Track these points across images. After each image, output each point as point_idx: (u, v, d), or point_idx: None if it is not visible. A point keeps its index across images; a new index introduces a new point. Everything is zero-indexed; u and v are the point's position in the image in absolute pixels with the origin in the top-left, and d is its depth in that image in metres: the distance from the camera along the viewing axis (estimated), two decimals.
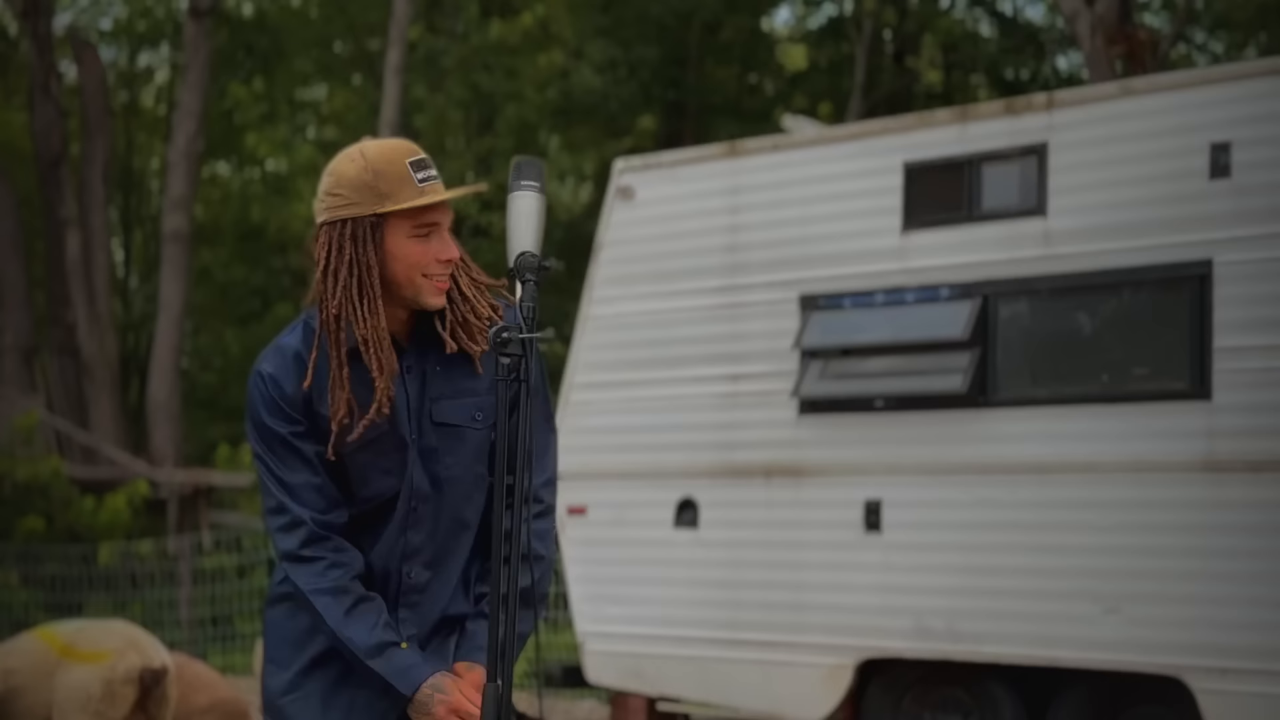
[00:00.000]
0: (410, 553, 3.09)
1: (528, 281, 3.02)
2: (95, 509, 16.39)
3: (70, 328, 19.71)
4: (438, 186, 3.02)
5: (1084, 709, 7.16)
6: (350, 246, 2.98)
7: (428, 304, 3.03)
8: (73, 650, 6.15)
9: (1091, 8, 12.46)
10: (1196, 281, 6.78)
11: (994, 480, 7.28)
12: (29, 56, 20.28)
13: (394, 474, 3.06)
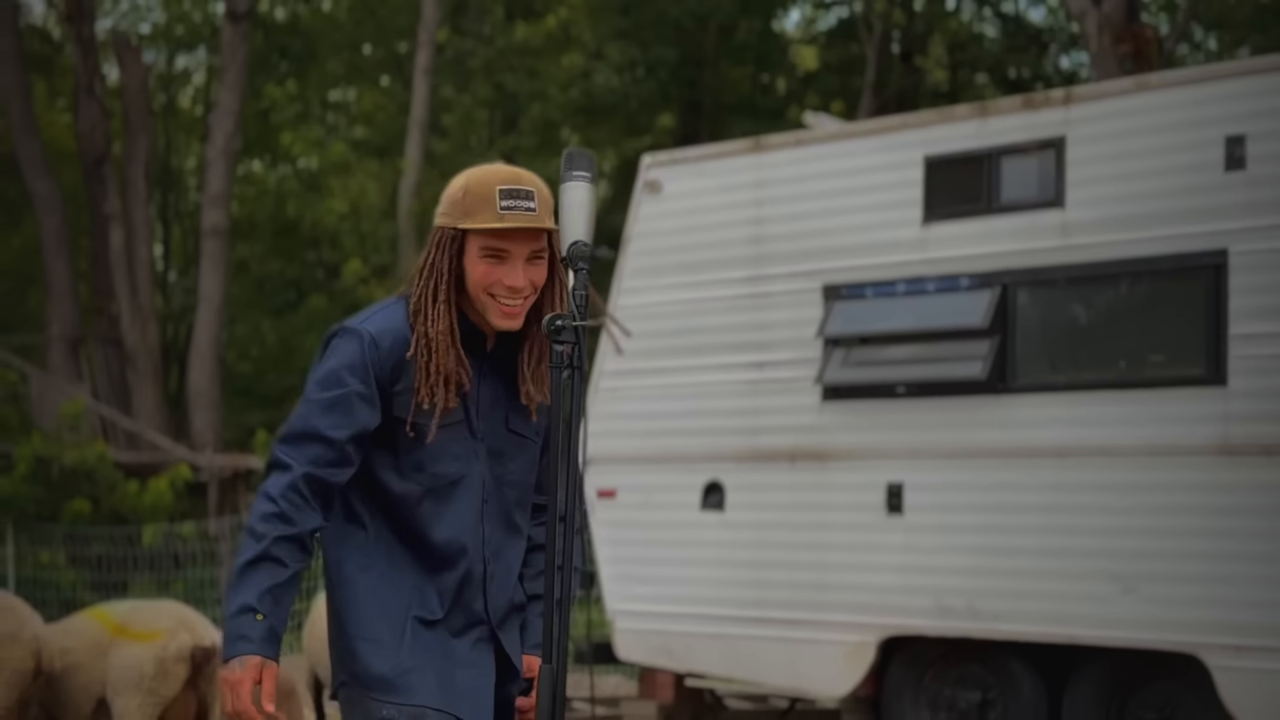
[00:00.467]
0: (488, 542, 3.11)
1: (580, 270, 2.98)
2: (139, 492, 16.34)
3: (114, 319, 19.68)
4: (518, 217, 3.00)
5: (1101, 685, 7.06)
6: (435, 252, 3.05)
7: (495, 324, 3.05)
8: (126, 630, 6.09)
9: (1099, 7, 12.32)
10: (1212, 271, 6.68)
11: (1013, 464, 7.18)
12: (73, 60, 20.21)
13: (463, 459, 3.06)
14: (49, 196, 19.44)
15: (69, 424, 16.83)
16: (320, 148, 20.36)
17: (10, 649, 5.56)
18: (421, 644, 3.05)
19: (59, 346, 19.38)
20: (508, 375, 3.11)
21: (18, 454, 16.19)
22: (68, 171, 22.69)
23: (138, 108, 19.95)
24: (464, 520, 3.07)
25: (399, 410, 3.03)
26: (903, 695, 7.65)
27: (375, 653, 3.04)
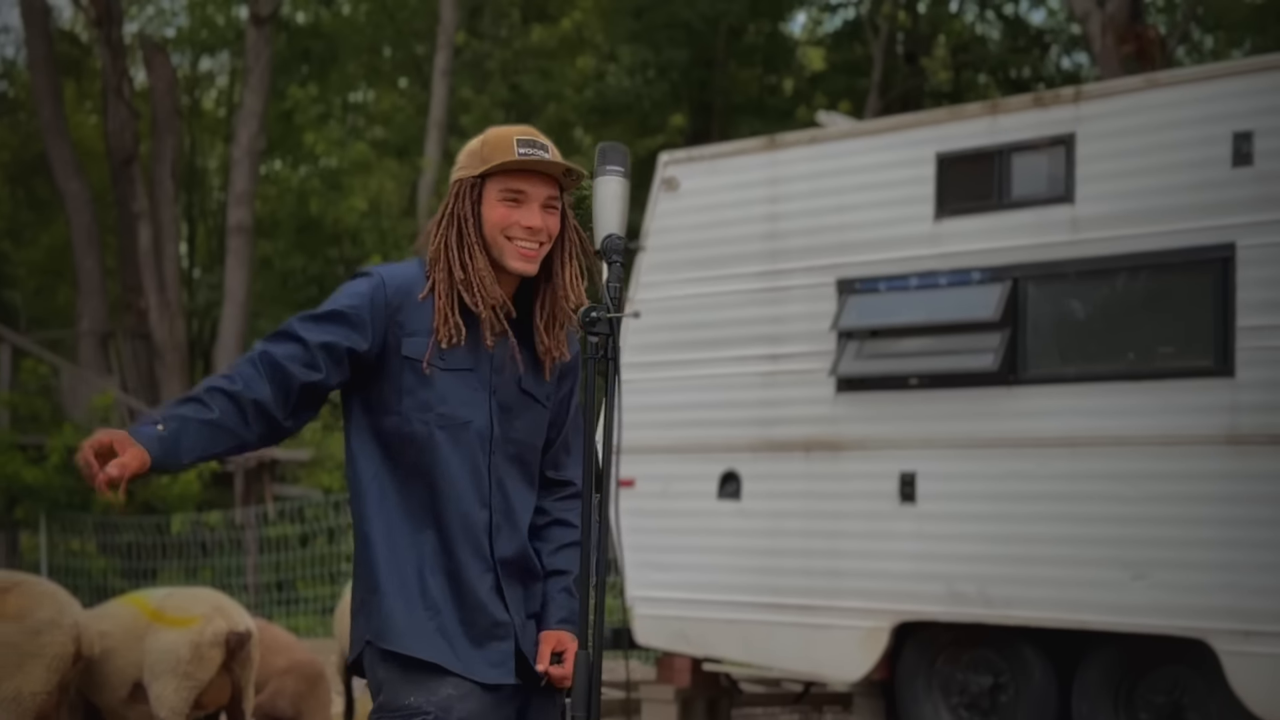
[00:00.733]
0: (494, 490, 3.08)
1: (614, 262, 2.99)
2: (168, 482, 16.33)
3: (142, 314, 19.65)
4: (535, 160, 3.04)
5: (1111, 669, 7.03)
6: (454, 203, 3.07)
7: (510, 266, 3.05)
8: (162, 615, 6.07)
9: (1102, 8, 12.26)
10: (1220, 264, 6.64)
11: (1024, 454, 7.14)
12: (102, 63, 20.20)
13: (468, 405, 3.05)
14: (79, 196, 19.43)
15: (99, 416, 16.83)
16: (341, 147, 20.31)
17: (51, 634, 5.53)
18: (432, 596, 3.02)
19: (89, 341, 19.38)
20: (521, 335, 3.10)
21: (50, 445, 16.19)
22: (95, 171, 22.69)
23: (165, 109, 19.93)
24: (473, 463, 3.05)
25: (410, 350, 3.02)
26: (916, 679, 7.62)
27: (390, 606, 3.03)
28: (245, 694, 6.04)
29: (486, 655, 3.01)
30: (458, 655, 3.00)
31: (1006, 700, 7.40)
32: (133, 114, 19.64)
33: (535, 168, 3.03)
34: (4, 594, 5.63)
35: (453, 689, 2.97)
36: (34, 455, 16.49)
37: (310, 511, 16.12)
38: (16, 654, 5.44)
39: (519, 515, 3.11)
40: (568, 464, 3.22)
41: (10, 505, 16.32)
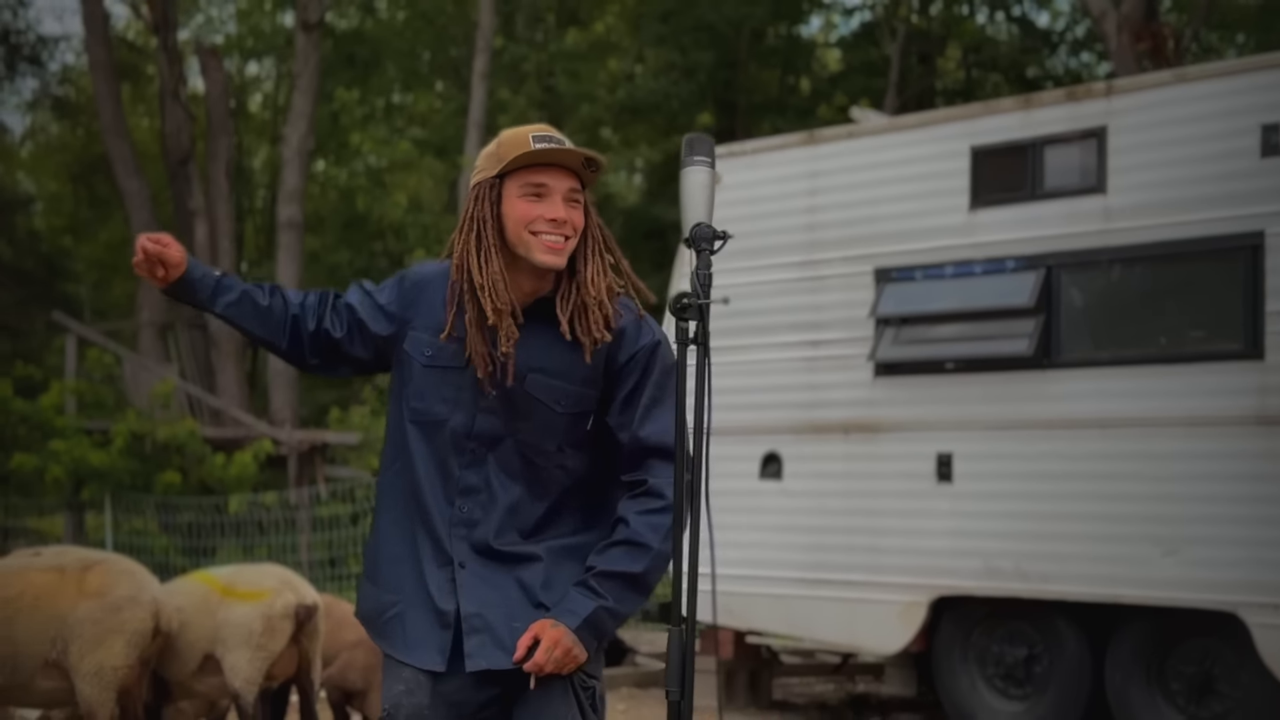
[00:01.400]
0: (465, 490, 2.92)
1: (703, 251, 2.85)
2: (225, 464, 16.30)
3: None
4: (552, 151, 2.87)
5: (1143, 641, 6.91)
6: (474, 206, 2.92)
7: (537, 260, 2.88)
8: (233, 590, 6.00)
9: (1118, 7, 12.09)
10: (1250, 251, 6.51)
11: (1058, 435, 7.03)
12: (159, 67, 20.15)
13: (447, 404, 2.92)
14: (139, 194, 19.38)
15: (160, 403, 16.81)
16: (386, 146, 20.23)
17: (131, 611, 5.46)
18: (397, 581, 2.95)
19: (149, 332, 19.34)
20: (533, 338, 2.91)
21: (115, 430, 16.17)
22: (149, 171, 22.66)
23: (219, 111, 19.87)
24: (441, 460, 2.91)
25: (407, 344, 2.96)
26: (953, 651, 7.52)
27: (368, 592, 3.01)
28: (313, 665, 5.97)
29: (435, 641, 2.89)
30: (407, 642, 2.91)
31: (1041, 671, 7.29)
32: (188, 116, 19.59)
33: (553, 159, 2.87)
34: (85, 572, 5.57)
35: (403, 684, 2.90)
36: (99, 440, 16.47)
37: (360, 492, 16.06)
38: (98, 630, 5.37)
39: (503, 516, 2.91)
40: (642, 465, 2.93)
41: (77, 487, 16.31)
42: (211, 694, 6.05)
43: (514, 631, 2.85)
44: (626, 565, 2.88)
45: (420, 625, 2.90)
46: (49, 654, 5.34)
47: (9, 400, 16.44)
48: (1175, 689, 6.83)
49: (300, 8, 19.65)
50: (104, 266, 29.29)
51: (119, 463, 16.10)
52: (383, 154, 20.08)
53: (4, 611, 5.33)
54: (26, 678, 5.33)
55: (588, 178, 2.93)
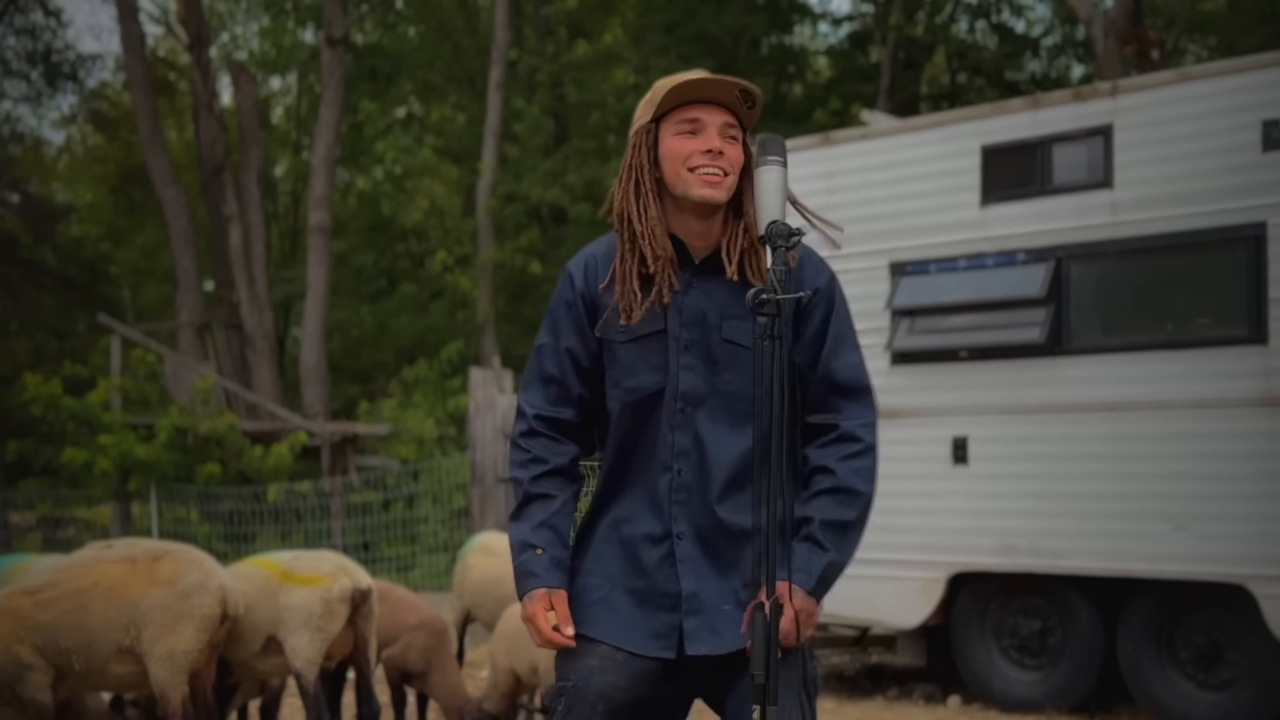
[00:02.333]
0: (680, 452, 2.70)
1: (778, 247, 2.70)
2: (263, 456, 16.23)
3: (234, 306, 19.56)
4: (705, 84, 2.67)
5: (1153, 613, 6.83)
6: (632, 154, 2.74)
7: (695, 195, 2.67)
8: (292, 575, 5.92)
9: (1105, 13, 11.98)
10: (1253, 241, 6.41)
11: (1069, 418, 6.94)
12: (193, 82, 20.03)
13: (659, 371, 2.70)
14: (176, 202, 19.29)
15: (201, 398, 16.72)
16: (409, 154, 20.11)
17: (200, 597, 5.37)
18: (608, 566, 2.73)
19: (188, 332, 19.26)
20: (717, 286, 2.72)
21: (159, 425, 16.10)
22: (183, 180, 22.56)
23: (250, 123, 19.76)
24: (655, 429, 2.70)
25: (601, 331, 2.74)
26: (970, 624, 7.44)
27: (573, 569, 2.78)
28: (368, 645, 5.89)
29: (650, 626, 2.68)
30: (617, 625, 2.69)
31: (1054, 642, 7.21)
32: (222, 127, 19.48)
33: (705, 92, 2.66)
34: (155, 562, 5.48)
35: (596, 660, 2.68)
36: (144, 434, 16.40)
37: (390, 480, 16.00)
38: (169, 616, 5.29)
39: (718, 475, 2.68)
40: (831, 404, 2.74)
41: (124, 478, 16.24)
42: (272, 673, 5.98)
43: (725, 615, 2.65)
44: (841, 514, 2.69)
45: (632, 607, 2.69)
46: (123, 640, 5.26)
47: (59, 398, 16.37)
48: (1184, 658, 6.74)
49: (325, 24, 19.54)
50: (139, 271, 29.22)
51: (163, 455, 16.04)
52: (405, 161, 19.96)
53: (79, 601, 5.26)
54: (102, 663, 5.26)
55: (746, 116, 2.73)
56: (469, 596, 6.87)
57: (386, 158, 20.09)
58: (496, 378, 9.40)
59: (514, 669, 5.64)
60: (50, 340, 24.94)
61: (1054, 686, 7.16)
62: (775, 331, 2.65)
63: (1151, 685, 6.77)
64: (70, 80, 25.27)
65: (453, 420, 17.48)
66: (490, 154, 19.67)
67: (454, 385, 17.94)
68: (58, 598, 5.25)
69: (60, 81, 25.11)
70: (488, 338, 19.62)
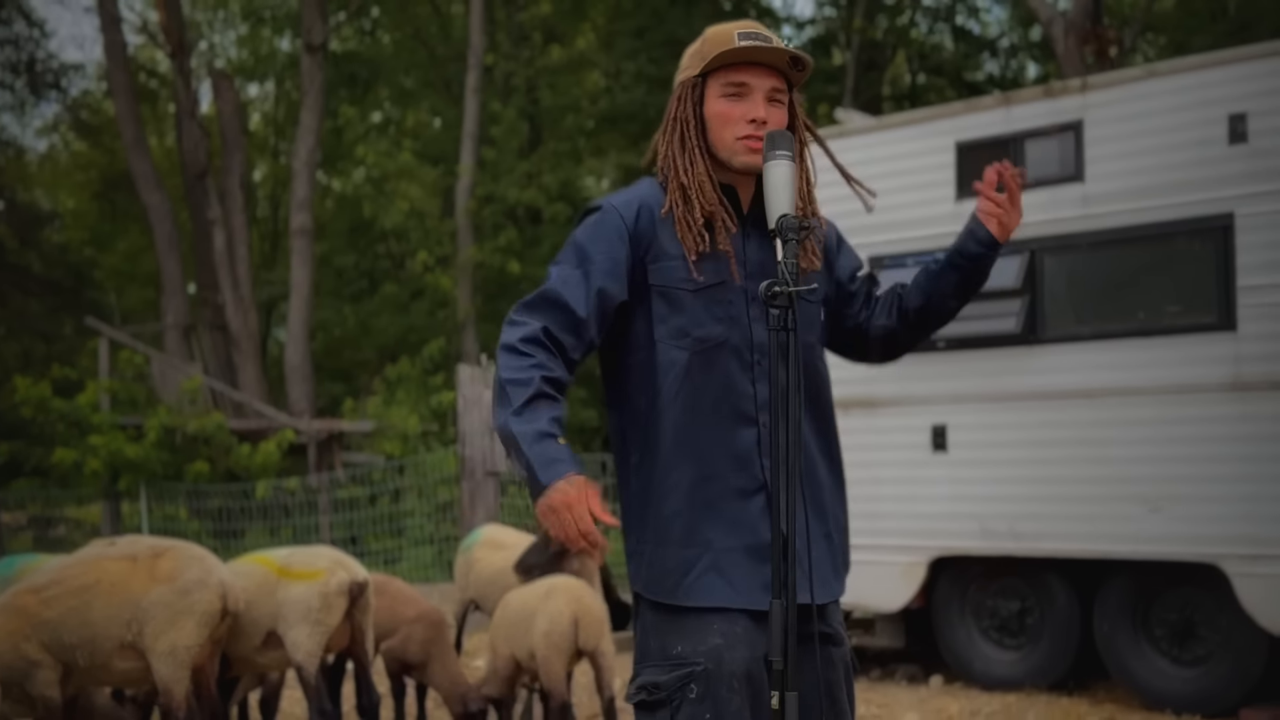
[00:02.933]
0: (763, 404, 2.53)
1: (790, 240, 2.63)
2: (251, 453, 16.08)
3: (219, 308, 19.38)
4: (755, 49, 2.53)
5: (1128, 592, 6.82)
6: (677, 106, 2.61)
7: (737, 163, 2.57)
8: (289, 571, 5.84)
9: (1064, 14, 11.99)
10: (1221, 231, 6.40)
11: (1046, 405, 6.92)
12: (175, 89, 19.83)
13: (725, 322, 2.54)
14: (160, 206, 19.09)
15: (188, 398, 16.56)
16: (388, 158, 19.98)
17: (201, 593, 5.28)
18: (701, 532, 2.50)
19: (174, 333, 19.08)
20: (759, 234, 2.61)
21: (147, 425, 15.93)
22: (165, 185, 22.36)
23: (232, 129, 19.59)
24: (733, 382, 2.53)
25: (656, 278, 2.54)
26: (950, 606, 7.41)
27: (656, 556, 2.53)
28: (366, 637, 5.82)
29: (764, 579, 2.49)
30: (734, 588, 2.48)
31: (1033, 623, 7.20)
32: (204, 134, 19.30)
33: (755, 57, 2.53)
34: (156, 559, 5.39)
35: (719, 638, 2.47)
36: (133, 434, 16.23)
37: (376, 475, 15.89)
38: (170, 612, 5.21)
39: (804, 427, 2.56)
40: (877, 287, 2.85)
41: (114, 477, 16.07)
42: (271, 667, 5.90)
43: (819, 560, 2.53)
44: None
45: (743, 566, 2.48)
46: (125, 637, 5.17)
47: (49, 400, 16.18)
48: (1159, 635, 6.74)
49: (305, 31, 19.38)
50: (121, 275, 28.96)
51: (152, 454, 15.87)
52: (384, 165, 19.83)
53: (82, 598, 5.17)
54: (105, 659, 5.17)
55: (794, 78, 2.61)
56: (475, 588, 6.78)
57: (367, 161, 19.92)
58: (484, 374, 9.33)
59: (514, 655, 5.58)
60: (38, 344, 24.69)
61: (1033, 665, 7.14)
62: (789, 324, 2.59)
63: (1128, 662, 6.77)
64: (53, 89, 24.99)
65: (435, 416, 17.38)
66: (468, 156, 19.56)
67: (436, 382, 17.84)
68: (62, 595, 5.16)
69: (44, 90, 24.83)
70: (468, 335, 19.52)
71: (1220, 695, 6.47)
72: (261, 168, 29.36)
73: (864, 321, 2.83)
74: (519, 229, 20.63)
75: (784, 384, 2.49)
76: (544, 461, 2.33)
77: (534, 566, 6.05)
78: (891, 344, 2.83)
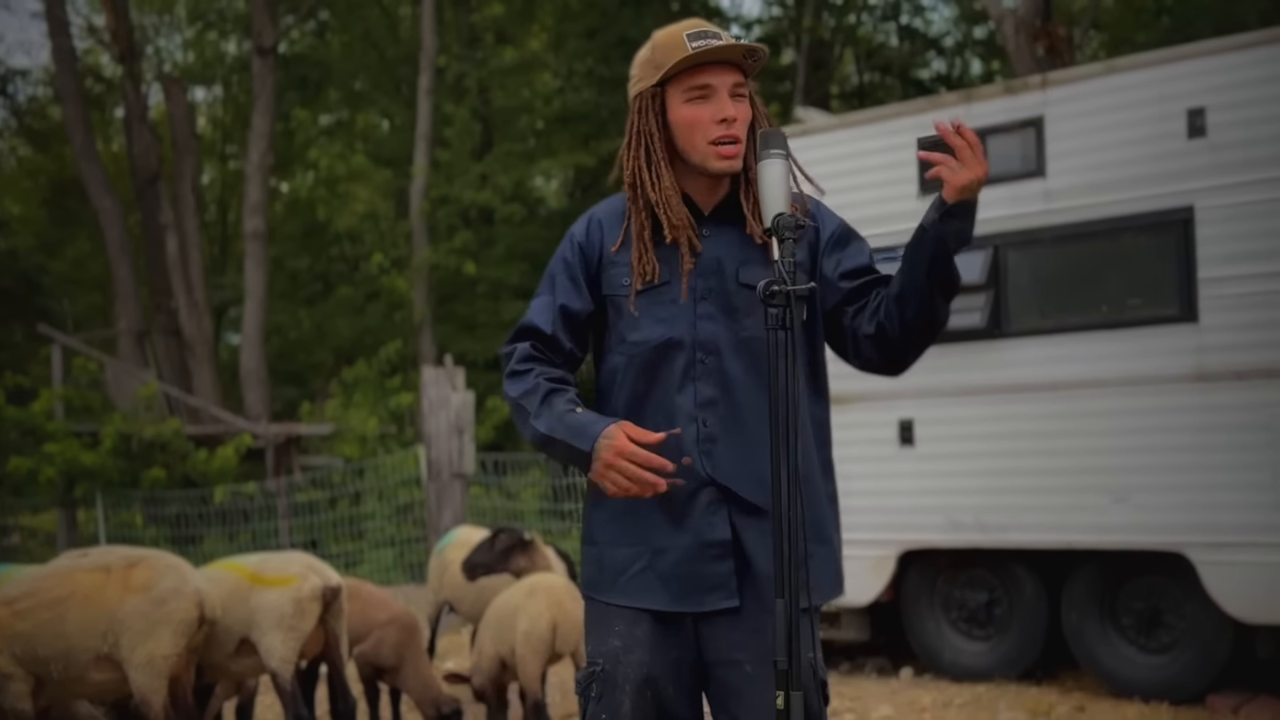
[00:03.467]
0: (703, 403, 2.54)
1: (786, 239, 2.61)
2: (208, 459, 15.89)
3: (172, 313, 19.14)
4: (711, 50, 2.50)
5: (1095, 582, 6.86)
6: (638, 119, 2.58)
7: (712, 169, 2.55)
8: (261, 577, 5.76)
9: (1015, 12, 12.06)
10: (1181, 225, 6.45)
11: (1011, 398, 6.95)
12: (125, 94, 19.54)
13: (667, 323, 2.54)
14: (111, 212, 18.82)
15: (144, 404, 16.34)
16: (342, 160, 19.79)
17: (176, 602, 5.19)
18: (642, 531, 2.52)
19: (127, 339, 18.82)
20: (728, 233, 2.59)
21: (103, 432, 15.70)
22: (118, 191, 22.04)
23: (184, 133, 19.35)
24: (671, 382, 2.54)
25: (606, 287, 2.59)
26: (919, 599, 7.43)
27: (591, 555, 2.60)
28: (340, 641, 5.75)
29: (706, 580, 2.50)
30: (667, 591, 2.50)
31: (1001, 613, 7.23)
32: (155, 138, 19.04)
33: (714, 57, 2.51)
34: (130, 569, 5.30)
35: (618, 640, 2.51)
36: (89, 441, 15.99)
37: (335, 478, 15.73)
38: (146, 622, 5.12)
39: (750, 422, 2.53)
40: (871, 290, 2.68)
41: (70, 485, 15.82)
42: (245, 674, 5.82)
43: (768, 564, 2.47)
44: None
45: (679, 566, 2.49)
46: (100, 648, 5.09)
47: (1, 408, 15.90)
48: (1126, 624, 6.79)
49: (255, 35, 19.17)
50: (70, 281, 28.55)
51: (108, 462, 15.65)
52: (338, 167, 19.65)
53: (56, 611, 5.07)
54: (81, 671, 5.08)
55: (749, 68, 2.58)
56: (449, 589, 6.72)
57: (320, 164, 19.74)
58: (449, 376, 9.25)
59: (499, 654, 5.55)
60: None
61: (1002, 655, 7.18)
62: (787, 322, 2.57)
63: (1095, 650, 6.81)
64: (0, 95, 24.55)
65: (394, 418, 17.24)
66: (422, 158, 19.43)
67: (393, 384, 17.70)
68: (35, 607, 5.06)
69: None
70: (424, 337, 19.39)
71: (1187, 682, 6.53)
72: (209, 172, 29.03)
73: (855, 324, 2.76)
74: (473, 230, 20.52)
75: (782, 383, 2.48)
76: (575, 433, 2.40)
77: (479, 565, 6.02)
78: (885, 344, 2.73)
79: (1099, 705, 6.54)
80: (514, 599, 5.53)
